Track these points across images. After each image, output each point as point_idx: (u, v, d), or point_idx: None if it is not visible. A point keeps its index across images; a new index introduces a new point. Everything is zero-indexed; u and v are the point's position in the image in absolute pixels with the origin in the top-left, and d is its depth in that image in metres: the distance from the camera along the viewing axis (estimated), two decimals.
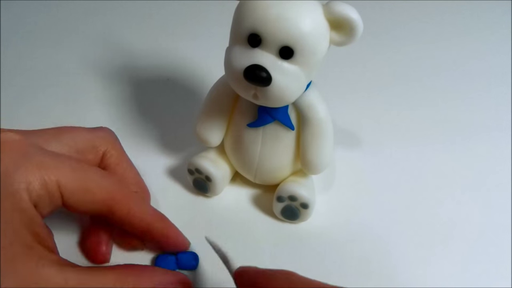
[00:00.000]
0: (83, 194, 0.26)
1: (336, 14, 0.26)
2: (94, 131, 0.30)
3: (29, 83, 0.44)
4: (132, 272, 0.26)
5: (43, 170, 0.24)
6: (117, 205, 0.27)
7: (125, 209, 0.27)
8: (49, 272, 0.23)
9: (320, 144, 0.31)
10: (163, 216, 0.30)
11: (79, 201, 0.26)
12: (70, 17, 0.51)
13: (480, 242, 0.33)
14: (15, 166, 0.24)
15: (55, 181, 0.25)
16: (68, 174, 0.25)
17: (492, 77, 0.46)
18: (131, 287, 0.24)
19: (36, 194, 0.24)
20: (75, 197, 0.26)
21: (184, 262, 0.30)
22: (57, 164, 0.25)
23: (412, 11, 0.54)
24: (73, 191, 0.25)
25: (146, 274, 0.26)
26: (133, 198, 0.28)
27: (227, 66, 0.27)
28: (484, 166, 0.38)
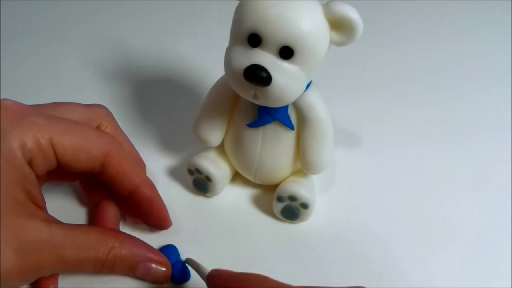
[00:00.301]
0: (77, 151, 0.26)
1: (336, 14, 0.26)
2: (89, 106, 0.31)
3: (29, 83, 0.44)
4: (115, 235, 0.27)
5: (37, 129, 0.25)
6: (110, 161, 0.28)
7: (117, 165, 0.28)
8: (37, 226, 0.24)
9: (320, 144, 0.31)
10: (152, 185, 0.30)
11: (74, 158, 0.26)
12: (70, 17, 0.51)
13: (480, 242, 0.33)
14: (11, 126, 0.25)
15: (48, 139, 0.26)
16: (61, 132, 0.26)
17: (492, 77, 0.46)
18: (110, 247, 0.26)
19: (29, 152, 0.25)
20: (69, 154, 0.26)
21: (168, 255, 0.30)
22: (51, 123, 0.26)
23: (412, 11, 0.54)
24: (67, 149, 0.26)
25: (127, 241, 0.27)
26: (126, 157, 0.29)
27: (227, 66, 0.27)
28: (484, 166, 0.38)
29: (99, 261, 0.26)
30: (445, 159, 0.38)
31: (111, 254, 0.26)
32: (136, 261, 0.27)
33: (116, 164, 0.28)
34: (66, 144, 0.26)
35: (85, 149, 0.27)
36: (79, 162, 0.27)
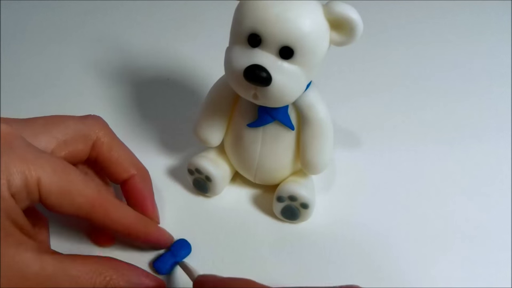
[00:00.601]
0: (62, 196, 0.26)
1: (336, 14, 0.26)
2: (83, 119, 0.30)
3: (29, 83, 0.44)
4: (112, 265, 0.26)
5: (25, 165, 0.24)
6: (95, 211, 0.27)
7: (102, 214, 0.27)
8: (26, 257, 0.23)
9: (320, 144, 0.31)
10: (143, 218, 0.30)
11: (57, 202, 0.26)
12: (70, 17, 0.51)
13: (480, 242, 0.32)
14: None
15: (36, 178, 0.25)
16: (49, 173, 0.25)
17: (493, 78, 0.46)
18: (107, 279, 0.25)
19: (15, 186, 0.24)
20: (53, 197, 0.25)
21: (178, 251, 0.30)
22: (41, 162, 0.25)
23: (412, 12, 0.54)
24: (52, 192, 0.25)
25: (124, 271, 0.26)
26: (112, 204, 0.28)
27: (227, 66, 0.27)
28: (484, 166, 0.38)
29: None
30: (445, 159, 0.38)
31: (109, 286, 0.25)
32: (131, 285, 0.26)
33: (101, 213, 0.27)
34: (53, 187, 0.25)
35: (70, 196, 0.26)
36: (62, 207, 0.26)
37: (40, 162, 0.25)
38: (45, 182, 0.25)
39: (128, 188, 0.31)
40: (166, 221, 0.32)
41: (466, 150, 0.39)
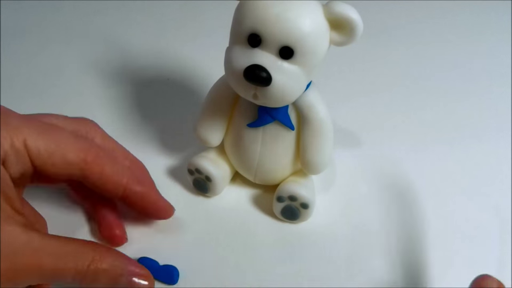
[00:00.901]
0: (52, 155, 0.25)
1: (336, 14, 0.26)
2: (76, 118, 0.30)
3: (29, 83, 0.44)
4: (95, 248, 0.25)
5: (11, 130, 0.25)
6: (89, 167, 0.26)
7: (98, 170, 0.27)
8: (14, 230, 0.23)
9: (320, 144, 0.31)
10: (142, 180, 0.29)
11: (49, 162, 0.25)
12: (70, 17, 0.51)
13: (480, 242, 0.33)
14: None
15: (22, 140, 0.25)
16: (35, 134, 0.25)
17: (493, 78, 0.46)
18: (90, 259, 0.25)
19: (3, 153, 0.24)
20: (44, 157, 0.25)
21: (163, 274, 0.29)
22: (25, 124, 0.25)
23: (412, 12, 0.54)
24: (41, 151, 0.25)
25: (108, 254, 0.26)
26: (107, 159, 0.27)
27: (227, 66, 0.27)
28: (484, 166, 0.38)
29: (79, 272, 0.24)
30: (445, 159, 0.38)
31: (92, 266, 0.25)
32: (118, 274, 0.26)
33: (97, 169, 0.27)
34: (41, 146, 0.25)
35: (61, 153, 0.26)
36: (55, 166, 0.26)
37: (25, 124, 0.25)
38: (32, 143, 0.25)
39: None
40: (166, 221, 0.32)
41: (466, 150, 0.39)
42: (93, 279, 0.25)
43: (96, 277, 0.25)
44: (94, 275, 0.25)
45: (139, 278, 0.27)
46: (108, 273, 0.25)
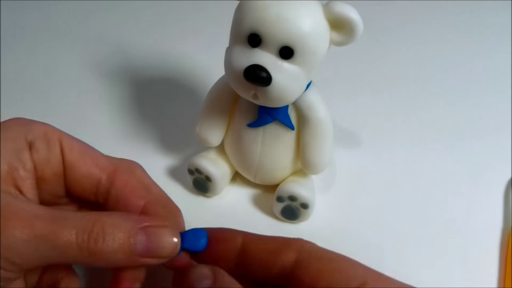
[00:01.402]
0: (84, 153, 0.25)
1: (336, 14, 0.26)
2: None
3: (29, 83, 0.44)
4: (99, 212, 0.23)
5: (48, 125, 0.25)
6: (117, 177, 0.25)
7: (123, 182, 0.25)
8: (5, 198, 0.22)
9: (320, 144, 0.31)
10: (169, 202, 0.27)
11: (80, 158, 0.25)
12: (70, 17, 0.51)
13: (480, 242, 0.33)
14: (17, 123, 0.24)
15: (58, 135, 0.25)
16: (71, 137, 0.25)
17: (493, 78, 0.46)
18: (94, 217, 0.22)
19: (32, 136, 0.24)
20: (76, 154, 0.25)
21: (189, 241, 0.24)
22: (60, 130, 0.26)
23: (412, 12, 0.54)
24: (74, 148, 0.25)
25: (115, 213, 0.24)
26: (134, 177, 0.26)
27: (227, 66, 0.27)
28: (484, 166, 0.38)
29: (83, 229, 0.21)
30: (445, 159, 0.38)
31: (98, 223, 0.22)
32: (131, 227, 0.22)
33: (123, 181, 0.25)
34: (75, 144, 0.25)
35: (92, 156, 0.25)
36: (86, 165, 0.25)
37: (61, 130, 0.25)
38: (66, 140, 0.25)
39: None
40: None
41: (466, 150, 0.39)
42: (102, 237, 0.21)
43: (105, 235, 0.21)
44: (102, 231, 0.21)
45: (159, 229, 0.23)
46: (118, 228, 0.22)
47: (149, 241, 0.22)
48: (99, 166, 0.25)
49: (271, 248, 0.23)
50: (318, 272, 0.21)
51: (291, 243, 0.23)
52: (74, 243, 0.21)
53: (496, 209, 0.35)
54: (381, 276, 0.23)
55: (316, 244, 0.23)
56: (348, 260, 0.23)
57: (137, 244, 0.22)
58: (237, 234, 0.24)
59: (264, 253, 0.23)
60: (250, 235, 0.24)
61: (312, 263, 0.22)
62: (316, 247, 0.23)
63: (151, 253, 0.22)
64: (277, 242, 0.23)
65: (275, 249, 0.23)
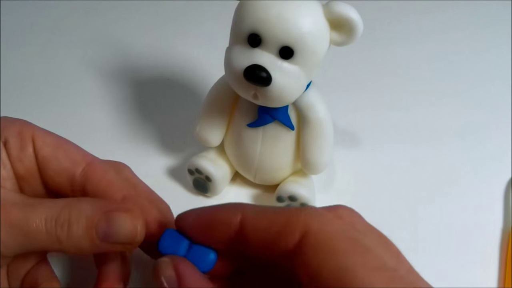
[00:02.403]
0: (57, 149, 0.24)
1: (336, 14, 0.26)
2: None
3: (29, 83, 0.44)
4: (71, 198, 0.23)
5: (21, 121, 0.25)
6: (92, 169, 0.24)
7: (100, 174, 0.24)
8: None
9: (320, 144, 0.31)
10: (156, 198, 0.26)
11: (53, 154, 0.24)
12: (70, 17, 0.51)
13: (481, 243, 0.33)
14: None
15: (31, 130, 0.24)
16: (44, 131, 0.25)
17: (492, 77, 0.46)
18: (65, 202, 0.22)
19: (3, 137, 0.24)
20: (48, 149, 0.24)
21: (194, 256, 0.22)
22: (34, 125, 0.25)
23: (412, 12, 0.54)
24: (47, 143, 0.24)
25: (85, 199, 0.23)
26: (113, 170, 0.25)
27: (227, 66, 0.27)
28: (485, 166, 0.38)
29: (51, 215, 0.21)
30: (445, 159, 0.38)
31: (65, 209, 0.22)
32: (95, 212, 0.22)
33: (99, 174, 0.24)
34: (47, 139, 0.24)
35: (66, 150, 0.25)
36: (58, 160, 0.24)
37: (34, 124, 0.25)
38: (39, 134, 0.24)
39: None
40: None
41: (466, 150, 0.39)
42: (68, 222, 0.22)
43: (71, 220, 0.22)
44: (68, 216, 0.22)
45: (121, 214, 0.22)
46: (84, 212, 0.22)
47: (108, 226, 0.22)
48: (72, 160, 0.25)
49: (272, 229, 0.20)
50: (319, 266, 0.19)
51: (295, 222, 0.20)
52: (43, 230, 0.21)
53: (496, 209, 0.35)
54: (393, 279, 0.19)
55: (326, 221, 0.20)
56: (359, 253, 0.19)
57: (98, 229, 0.22)
58: (234, 213, 0.21)
59: (264, 235, 0.20)
60: (250, 211, 0.21)
61: (315, 253, 0.19)
62: (325, 228, 0.19)
63: (110, 238, 0.22)
64: (280, 220, 0.20)
65: (276, 230, 0.20)
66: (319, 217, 0.20)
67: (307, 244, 0.19)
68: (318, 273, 0.18)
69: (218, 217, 0.21)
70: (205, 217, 0.22)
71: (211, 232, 0.22)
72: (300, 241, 0.19)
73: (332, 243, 0.19)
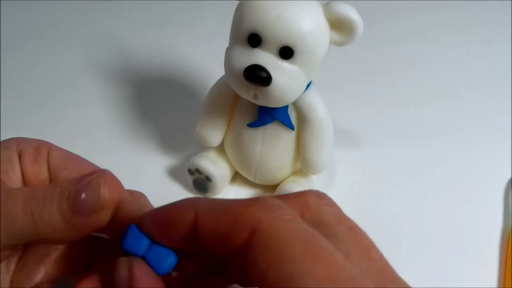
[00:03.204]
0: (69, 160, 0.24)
1: (336, 14, 0.26)
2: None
3: (29, 83, 0.44)
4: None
5: (40, 140, 0.24)
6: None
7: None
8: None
9: (320, 144, 0.31)
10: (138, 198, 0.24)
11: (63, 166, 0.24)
12: (70, 17, 0.51)
13: (481, 243, 0.33)
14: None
15: (48, 146, 0.24)
16: (60, 148, 0.25)
17: (492, 77, 0.46)
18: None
19: (24, 142, 0.24)
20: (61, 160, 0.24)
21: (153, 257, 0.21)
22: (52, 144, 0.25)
23: (412, 12, 0.54)
24: (60, 155, 0.24)
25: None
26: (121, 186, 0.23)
27: (227, 66, 0.27)
28: (485, 166, 0.38)
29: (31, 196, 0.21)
30: (446, 159, 0.38)
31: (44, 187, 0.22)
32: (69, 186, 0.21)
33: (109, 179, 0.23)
34: (61, 152, 0.24)
35: (77, 161, 0.24)
36: (69, 171, 0.24)
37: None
38: (54, 148, 0.24)
39: None
40: None
41: (466, 150, 0.39)
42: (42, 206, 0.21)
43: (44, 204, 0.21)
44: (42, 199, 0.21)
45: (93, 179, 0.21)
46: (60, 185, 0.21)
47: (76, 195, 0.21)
48: (81, 172, 0.23)
49: (222, 225, 0.18)
50: (263, 272, 0.17)
51: (245, 217, 0.18)
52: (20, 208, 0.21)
53: (496, 209, 0.35)
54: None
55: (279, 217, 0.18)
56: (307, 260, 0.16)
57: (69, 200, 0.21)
58: (188, 209, 0.20)
59: (215, 231, 0.19)
60: (204, 207, 0.19)
61: (262, 255, 0.17)
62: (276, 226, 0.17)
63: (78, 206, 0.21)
64: (230, 215, 0.18)
65: (226, 227, 0.18)
66: (272, 212, 0.18)
67: (255, 243, 0.17)
68: (265, 277, 0.17)
69: (172, 215, 0.20)
70: (161, 215, 0.21)
71: (167, 231, 0.21)
72: (249, 239, 0.17)
73: (281, 246, 0.17)
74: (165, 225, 0.21)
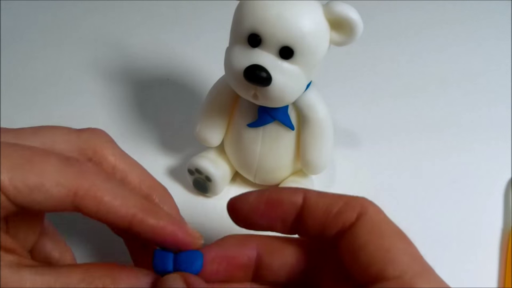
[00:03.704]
0: (33, 191, 0.20)
1: (336, 14, 0.26)
2: (80, 132, 0.25)
3: (29, 83, 0.44)
4: (107, 271, 0.21)
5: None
6: (82, 200, 0.21)
7: (94, 203, 0.21)
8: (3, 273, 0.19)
9: (320, 144, 0.31)
10: (156, 210, 0.23)
11: (31, 200, 0.21)
12: (70, 17, 0.51)
13: (481, 243, 0.33)
14: None
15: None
16: (12, 168, 0.20)
17: (493, 78, 0.46)
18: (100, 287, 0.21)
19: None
20: (24, 195, 0.20)
21: (183, 263, 0.22)
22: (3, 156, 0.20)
23: (412, 12, 0.54)
24: (19, 188, 0.20)
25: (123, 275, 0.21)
26: (109, 187, 0.22)
27: (227, 66, 0.27)
28: (485, 166, 0.38)
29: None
30: (446, 159, 0.38)
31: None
32: None
33: (92, 202, 0.21)
34: (18, 183, 0.20)
35: (44, 188, 0.20)
36: (39, 203, 0.21)
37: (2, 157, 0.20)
38: (7, 180, 0.20)
39: None
40: None
41: (466, 150, 0.39)
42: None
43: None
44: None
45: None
46: None
47: None
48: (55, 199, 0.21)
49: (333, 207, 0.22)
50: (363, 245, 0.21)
51: (354, 204, 0.22)
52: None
53: (496, 209, 0.35)
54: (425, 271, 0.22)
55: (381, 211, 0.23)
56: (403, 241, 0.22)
57: None
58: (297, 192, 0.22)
59: (323, 213, 0.22)
60: (312, 192, 0.22)
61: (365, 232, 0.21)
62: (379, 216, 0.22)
63: None
64: (341, 200, 0.22)
65: (337, 209, 0.22)
66: (375, 205, 0.23)
67: (362, 223, 0.21)
68: (364, 249, 0.21)
69: (282, 195, 0.22)
70: (268, 196, 0.23)
71: (274, 210, 0.23)
72: (355, 221, 0.21)
73: (383, 227, 0.22)
74: (272, 204, 0.22)
